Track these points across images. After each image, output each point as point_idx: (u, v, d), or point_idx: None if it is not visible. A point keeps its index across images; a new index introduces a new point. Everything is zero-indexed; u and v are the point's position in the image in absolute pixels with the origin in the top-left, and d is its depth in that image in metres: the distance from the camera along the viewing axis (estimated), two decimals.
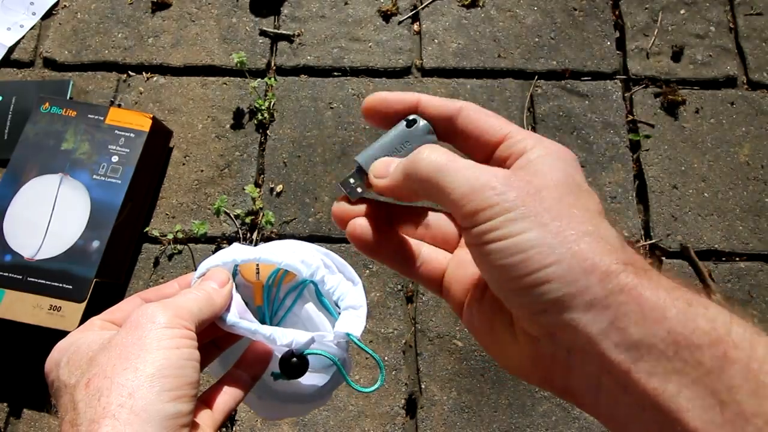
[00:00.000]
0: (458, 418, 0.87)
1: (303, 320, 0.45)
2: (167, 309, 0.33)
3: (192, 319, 0.33)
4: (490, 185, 0.26)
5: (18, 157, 0.92)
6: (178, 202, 1.01)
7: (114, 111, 0.96)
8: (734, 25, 1.13)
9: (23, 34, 1.13)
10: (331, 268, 0.43)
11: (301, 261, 0.40)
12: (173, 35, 1.13)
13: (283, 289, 0.45)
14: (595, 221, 0.26)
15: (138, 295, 0.38)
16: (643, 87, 1.08)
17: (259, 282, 0.45)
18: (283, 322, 0.46)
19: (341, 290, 0.42)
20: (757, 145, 1.04)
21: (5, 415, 0.88)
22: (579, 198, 0.27)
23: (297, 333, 0.38)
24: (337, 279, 0.42)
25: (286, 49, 1.12)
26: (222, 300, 0.37)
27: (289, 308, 0.45)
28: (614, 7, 1.15)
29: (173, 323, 0.32)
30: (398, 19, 1.14)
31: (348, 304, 0.41)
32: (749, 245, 0.97)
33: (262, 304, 0.45)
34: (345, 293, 0.42)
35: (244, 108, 1.07)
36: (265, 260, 0.40)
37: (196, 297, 0.35)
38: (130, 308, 0.36)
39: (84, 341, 0.33)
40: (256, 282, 0.45)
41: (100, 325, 0.35)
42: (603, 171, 1.02)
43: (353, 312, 0.41)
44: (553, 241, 0.24)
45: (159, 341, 0.31)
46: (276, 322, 0.46)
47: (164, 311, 0.32)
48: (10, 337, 0.91)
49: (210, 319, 0.36)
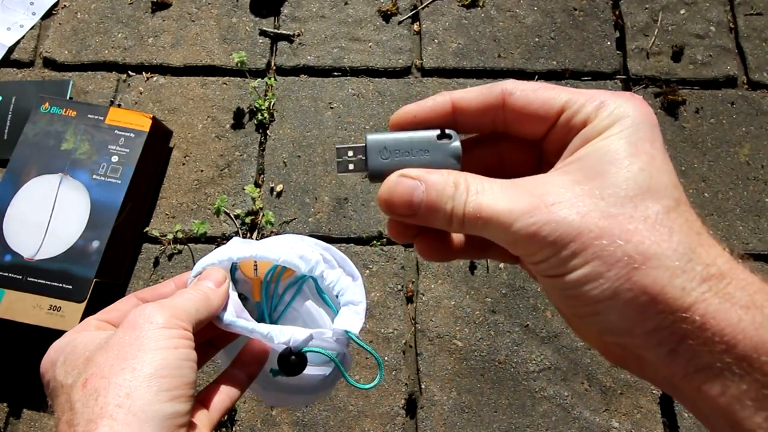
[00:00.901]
0: (458, 418, 0.87)
1: (303, 315, 0.45)
2: (164, 309, 0.33)
3: (189, 320, 0.33)
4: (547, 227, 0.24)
5: (18, 157, 0.92)
6: (178, 202, 1.01)
7: (114, 111, 0.96)
8: (734, 25, 1.13)
9: (23, 34, 1.13)
10: (331, 263, 0.43)
11: (300, 257, 0.40)
12: (173, 35, 1.13)
13: (282, 284, 0.45)
14: (666, 230, 0.23)
15: (134, 295, 0.38)
16: (643, 87, 1.08)
17: (257, 278, 0.45)
18: (283, 318, 0.46)
19: (341, 285, 0.42)
20: (757, 145, 1.04)
21: (5, 415, 0.88)
22: (649, 198, 0.24)
23: (295, 330, 0.38)
24: (336, 274, 0.42)
25: (286, 49, 1.12)
26: (219, 299, 0.37)
27: (288, 303, 0.45)
28: (614, 7, 1.15)
29: (170, 323, 0.32)
30: (398, 19, 1.14)
31: (347, 300, 0.41)
32: (749, 245, 0.97)
33: (261, 300, 0.45)
34: (345, 288, 0.42)
35: (244, 108, 1.07)
36: (262, 257, 0.40)
37: (193, 297, 0.35)
38: (126, 308, 0.36)
39: (80, 341, 0.33)
40: (255, 278, 0.45)
41: (96, 325, 0.35)
42: None
43: (352, 308, 0.40)
44: (613, 274, 0.23)
45: (156, 341, 0.31)
46: (276, 318, 0.46)
47: (162, 311, 0.32)
48: (10, 337, 0.91)
49: (207, 319, 0.36)
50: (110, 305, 0.37)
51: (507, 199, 0.24)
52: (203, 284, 0.37)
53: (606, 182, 0.24)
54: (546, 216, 0.23)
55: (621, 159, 0.24)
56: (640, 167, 0.24)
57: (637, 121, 0.25)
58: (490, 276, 0.95)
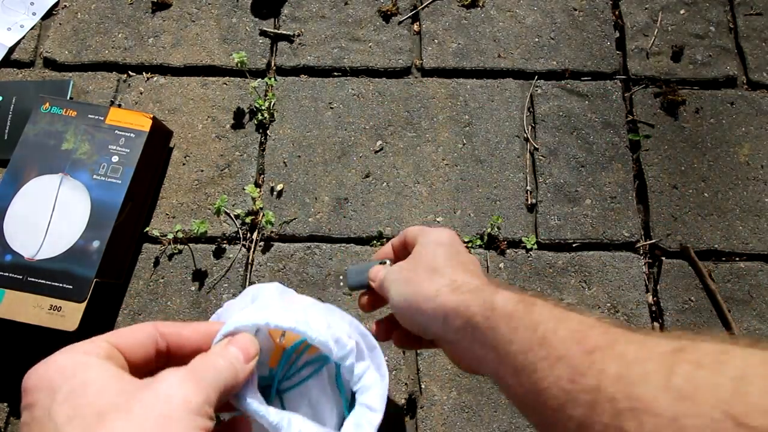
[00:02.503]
0: (458, 418, 0.87)
1: (312, 399, 0.41)
2: (199, 387, 0.29)
3: (217, 400, 0.30)
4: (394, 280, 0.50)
5: (18, 157, 0.92)
6: (178, 202, 1.01)
7: (114, 111, 0.96)
8: (734, 25, 1.13)
9: (23, 34, 1.14)
10: (363, 353, 0.40)
11: (336, 340, 0.37)
12: (173, 35, 1.13)
13: (304, 357, 0.42)
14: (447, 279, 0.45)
15: (153, 325, 0.35)
16: (643, 87, 1.08)
17: (281, 345, 0.41)
18: (292, 392, 0.41)
19: (364, 382, 0.39)
20: (757, 145, 1.04)
21: (5, 415, 0.88)
22: (444, 268, 0.46)
23: (303, 427, 0.35)
24: (363, 368, 0.39)
25: (286, 49, 1.12)
26: (244, 377, 0.34)
27: (304, 380, 0.41)
28: (614, 7, 1.15)
29: (202, 411, 0.28)
30: (398, 19, 1.14)
31: (364, 402, 0.38)
32: (749, 245, 0.97)
33: (276, 367, 0.41)
34: (366, 387, 0.38)
35: (245, 108, 1.07)
36: (300, 331, 0.36)
37: (223, 369, 0.32)
38: (142, 337, 0.33)
39: (93, 379, 0.28)
40: (279, 344, 0.41)
41: (106, 351, 0.31)
42: (603, 171, 1.02)
43: (367, 415, 0.37)
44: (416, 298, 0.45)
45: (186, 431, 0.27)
46: (283, 389, 0.42)
47: (196, 390, 0.29)
48: (10, 337, 0.91)
49: (228, 396, 0.33)
50: (124, 328, 0.34)
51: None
52: (233, 354, 0.33)
53: (418, 260, 0.50)
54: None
55: (426, 253, 0.50)
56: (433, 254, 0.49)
57: (439, 241, 0.50)
58: (490, 276, 0.95)
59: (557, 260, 0.97)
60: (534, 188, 1.01)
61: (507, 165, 1.03)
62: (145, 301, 0.94)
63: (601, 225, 0.99)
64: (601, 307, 0.94)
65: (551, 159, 1.03)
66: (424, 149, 1.04)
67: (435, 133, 1.05)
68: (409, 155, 1.04)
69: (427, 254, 0.47)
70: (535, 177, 1.02)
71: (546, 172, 1.02)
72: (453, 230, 0.51)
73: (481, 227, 0.98)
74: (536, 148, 1.04)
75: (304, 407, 0.39)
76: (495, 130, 1.05)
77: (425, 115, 1.06)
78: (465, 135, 1.05)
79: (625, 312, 0.93)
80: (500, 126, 1.06)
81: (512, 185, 1.01)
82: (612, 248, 0.98)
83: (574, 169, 1.02)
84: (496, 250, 0.97)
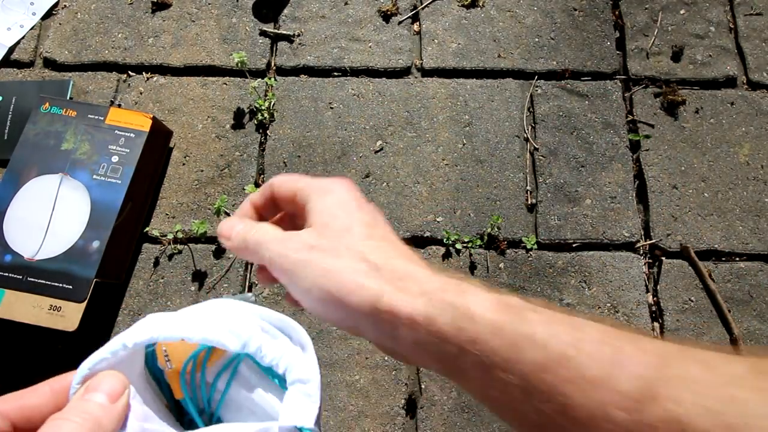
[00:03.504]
0: (458, 418, 0.87)
1: (246, 406, 0.34)
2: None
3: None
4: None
5: (18, 158, 0.92)
6: (178, 202, 1.01)
7: (114, 111, 0.96)
8: (734, 25, 1.13)
9: (23, 34, 1.14)
10: (271, 332, 0.34)
11: (229, 331, 0.31)
12: (173, 35, 1.13)
13: (211, 371, 0.34)
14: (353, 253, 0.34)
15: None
16: (643, 87, 1.08)
17: (172, 370, 0.34)
18: (223, 409, 0.35)
19: (286, 361, 0.32)
20: (757, 145, 1.04)
21: None
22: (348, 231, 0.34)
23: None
24: (279, 347, 0.33)
25: (286, 49, 1.12)
26: (115, 421, 0.27)
27: (224, 393, 0.34)
28: (614, 7, 1.15)
29: None
30: (398, 19, 1.14)
31: (294, 378, 0.32)
32: (749, 245, 0.97)
33: (184, 396, 0.34)
34: (291, 364, 0.32)
35: (244, 108, 1.07)
36: (168, 338, 0.30)
37: (76, 428, 0.25)
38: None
39: None
40: (169, 370, 0.34)
41: None
42: (603, 171, 1.02)
43: (301, 389, 0.31)
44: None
45: None
46: (213, 411, 0.35)
47: None
48: (10, 337, 0.91)
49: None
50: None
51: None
52: (91, 402, 0.27)
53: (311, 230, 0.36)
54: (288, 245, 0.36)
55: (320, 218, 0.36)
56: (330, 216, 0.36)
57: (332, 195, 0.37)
58: (490, 276, 0.95)
59: (557, 260, 0.97)
60: (534, 188, 1.01)
61: (507, 165, 1.03)
62: (145, 301, 0.94)
63: (601, 225, 0.99)
64: (601, 307, 0.94)
65: (551, 159, 1.03)
66: (424, 149, 1.04)
67: (435, 133, 1.05)
68: (409, 155, 1.04)
69: (334, 222, 0.34)
70: (535, 177, 1.02)
71: (546, 172, 1.02)
72: (347, 179, 0.38)
73: (481, 227, 0.98)
74: (536, 148, 1.04)
75: (245, 414, 0.34)
76: (495, 130, 1.05)
77: (425, 115, 1.06)
78: (465, 135, 1.05)
79: (625, 312, 0.93)
80: (500, 126, 1.06)
81: (512, 185, 1.01)
82: (612, 248, 0.98)
83: (574, 169, 1.02)
84: (496, 250, 0.97)
